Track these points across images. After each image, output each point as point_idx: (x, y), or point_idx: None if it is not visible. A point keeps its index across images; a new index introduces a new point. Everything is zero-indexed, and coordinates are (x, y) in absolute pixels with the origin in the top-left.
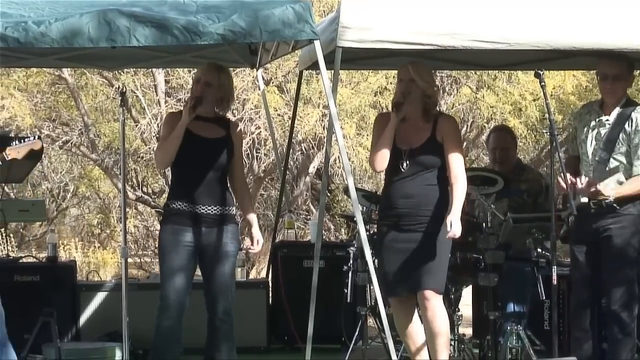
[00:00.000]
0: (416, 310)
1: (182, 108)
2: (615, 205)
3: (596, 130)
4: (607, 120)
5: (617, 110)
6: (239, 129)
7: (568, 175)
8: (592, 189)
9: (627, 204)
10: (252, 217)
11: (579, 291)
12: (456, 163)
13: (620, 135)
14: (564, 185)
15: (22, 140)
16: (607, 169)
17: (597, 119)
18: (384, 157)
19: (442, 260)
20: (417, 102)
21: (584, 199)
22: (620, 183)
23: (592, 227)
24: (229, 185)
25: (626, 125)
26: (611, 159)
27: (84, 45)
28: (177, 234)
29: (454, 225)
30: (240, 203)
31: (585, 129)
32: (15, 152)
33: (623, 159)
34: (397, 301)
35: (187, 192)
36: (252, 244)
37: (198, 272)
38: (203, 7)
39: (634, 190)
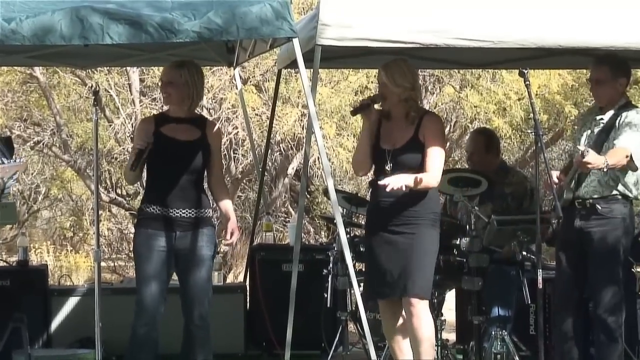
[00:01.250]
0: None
1: (155, 111)
2: (598, 206)
3: (590, 130)
4: (602, 119)
5: (612, 111)
6: (216, 128)
7: (554, 173)
8: (585, 160)
9: (609, 205)
10: (229, 209)
11: (563, 295)
12: (432, 158)
13: (611, 133)
14: (553, 181)
15: (10, 158)
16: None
17: (593, 118)
18: (362, 161)
19: (427, 265)
20: (397, 104)
21: (568, 195)
22: None
23: (576, 229)
24: (206, 186)
25: (616, 122)
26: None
27: (56, 43)
28: (151, 239)
29: (392, 179)
30: (219, 201)
31: (583, 127)
32: (1, 171)
33: None
34: (384, 303)
35: (161, 195)
36: (226, 235)
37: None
38: (179, 3)
39: (617, 159)
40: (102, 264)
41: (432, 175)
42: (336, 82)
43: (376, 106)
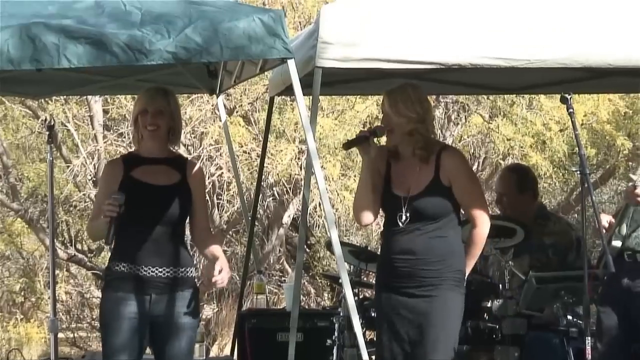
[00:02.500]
0: None
1: (122, 148)
2: None
3: None
4: None
5: None
6: (197, 168)
7: (605, 218)
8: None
9: None
10: (220, 252)
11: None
12: (475, 205)
13: None
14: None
15: None
16: None
17: None
18: (365, 208)
19: (451, 333)
20: (402, 138)
21: (616, 242)
22: None
23: (622, 288)
24: (191, 238)
25: None
26: None
27: (2, 68)
28: (120, 304)
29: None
30: (206, 253)
31: None
32: None
33: None
34: None
35: (132, 251)
36: (216, 271)
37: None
38: (150, 16)
39: None
40: (60, 334)
41: (482, 231)
42: (340, 112)
43: (383, 140)
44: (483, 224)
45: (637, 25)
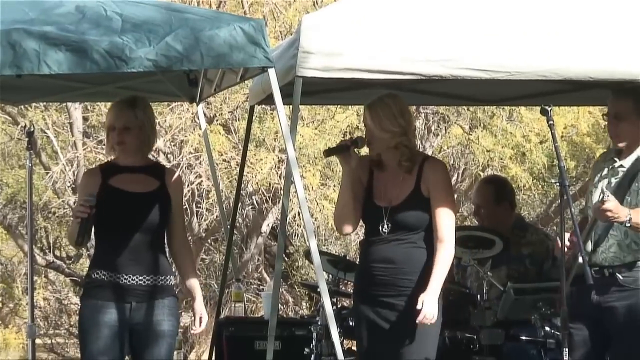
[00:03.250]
0: None
1: (101, 156)
2: (619, 275)
3: (607, 180)
4: (622, 167)
5: (635, 155)
6: (176, 176)
7: (567, 235)
8: (604, 207)
9: (632, 274)
10: (195, 286)
11: None
12: (443, 222)
13: (634, 185)
14: (560, 245)
15: None
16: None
17: (611, 166)
18: (346, 217)
19: (429, 344)
20: (387, 150)
21: (580, 260)
22: None
23: (592, 304)
24: (167, 247)
25: None
26: None
27: None
28: (99, 312)
29: (425, 306)
30: (180, 268)
31: (597, 178)
32: None
33: None
34: None
35: (111, 259)
36: (194, 323)
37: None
38: (130, 23)
39: None
40: (37, 341)
41: (449, 249)
42: (320, 122)
43: (364, 150)
44: (449, 239)
45: (617, 38)
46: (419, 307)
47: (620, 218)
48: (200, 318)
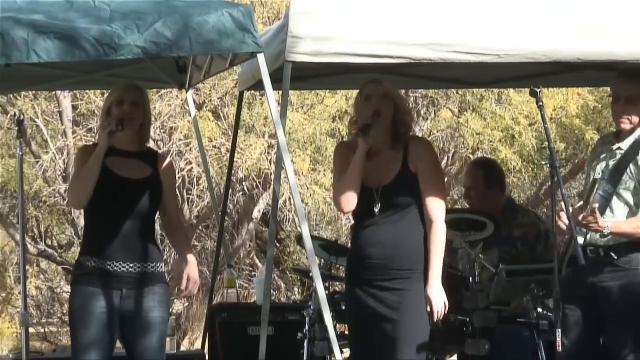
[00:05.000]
0: None
1: (95, 139)
2: (613, 255)
3: (604, 163)
4: (619, 149)
5: (633, 137)
6: (167, 161)
7: (564, 214)
8: (584, 215)
9: (627, 254)
10: (192, 260)
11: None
12: (433, 201)
13: (630, 167)
14: (564, 226)
15: None
16: (609, 206)
17: (609, 149)
18: (352, 194)
19: (421, 327)
20: (385, 127)
21: (579, 239)
22: None
23: (587, 284)
24: (163, 232)
25: (639, 156)
26: (615, 196)
27: None
28: (89, 299)
29: (434, 297)
30: (178, 250)
31: (595, 162)
32: None
33: (629, 198)
34: None
35: (100, 246)
36: (183, 283)
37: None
38: (119, 12)
39: (634, 229)
40: (30, 329)
41: (439, 226)
42: (310, 107)
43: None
44: (440, 217)
45: (605, 20)
46: (429, 296)
47: (597, 229)
48: (188, 277)
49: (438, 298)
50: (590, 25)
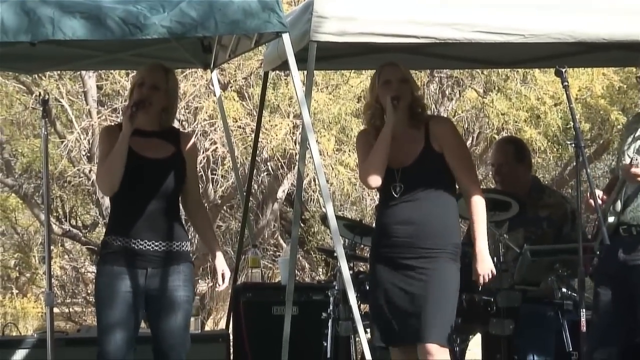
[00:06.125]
0: None
1: (119, 120)
2: None
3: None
4: None
5: None
6: (192, 141)
7: (599, 192)
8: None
9: None
10: (214, 245)
11: (602, 341)
12: (467, 177)
13: None
14: (594, 204)
15: None
16: None
17: None
18: (379, 169)
19: (447, 306)
20: (404, 109)
21: (610, 219)
22: None
23: (619, 262)
24: (184, 212)
25: None
26: None
27: None
28: (115, 278)
29: (480, 263)
30: (198, 230)
31: (630, 138)
32: None
33: None
34: (396, 352)
35: (126, 225)
36: (217, 281)
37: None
38: None
39: None
40: (55, 309)
41: (478, 199)
42: (335, 87)
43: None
44: (477, 190)
45: (631, 0)
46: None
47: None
48: (223, 274)
49: (485, 273)
50: (616, 6)
